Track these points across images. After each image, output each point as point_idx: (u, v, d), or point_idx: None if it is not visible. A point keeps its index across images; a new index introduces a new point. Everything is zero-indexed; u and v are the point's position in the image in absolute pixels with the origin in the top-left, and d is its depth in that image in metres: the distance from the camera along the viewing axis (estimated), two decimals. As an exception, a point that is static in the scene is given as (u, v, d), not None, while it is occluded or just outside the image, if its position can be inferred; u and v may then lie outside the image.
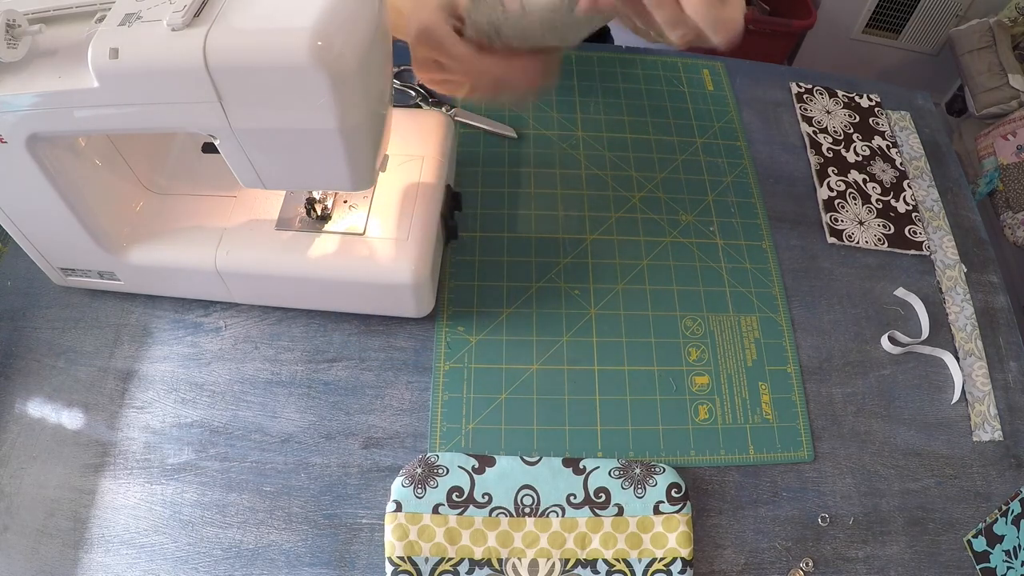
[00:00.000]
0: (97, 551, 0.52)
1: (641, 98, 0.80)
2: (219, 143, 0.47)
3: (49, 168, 0.49)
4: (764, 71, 0.86)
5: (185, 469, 0.55)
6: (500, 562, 0.52)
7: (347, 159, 0.48)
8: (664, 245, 0.69)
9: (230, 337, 0.61)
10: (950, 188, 0.79)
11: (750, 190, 0.74)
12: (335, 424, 0.58)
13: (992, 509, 0.58)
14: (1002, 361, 0.67)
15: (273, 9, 0.41)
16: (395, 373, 0.60)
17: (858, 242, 0.72)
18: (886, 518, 0.58)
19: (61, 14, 0.45)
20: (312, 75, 0.41)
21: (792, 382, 0.63)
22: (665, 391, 0.61)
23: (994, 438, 0.62)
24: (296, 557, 0.52)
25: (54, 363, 0.60)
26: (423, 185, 0.60)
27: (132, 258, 0.57)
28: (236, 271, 0.57)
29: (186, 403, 0.58)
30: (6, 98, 0.44)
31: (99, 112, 0.45)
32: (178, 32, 0.40)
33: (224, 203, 0.59)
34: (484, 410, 0.59)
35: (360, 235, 0.57)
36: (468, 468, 0.55)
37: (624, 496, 0.54)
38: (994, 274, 0.73)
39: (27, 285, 0.64)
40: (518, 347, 0.62)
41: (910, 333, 0.67)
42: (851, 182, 0.77)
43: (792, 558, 0.55)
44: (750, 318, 0.66)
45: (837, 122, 0.82)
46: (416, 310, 0.60)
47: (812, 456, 0.60)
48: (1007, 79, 1.57)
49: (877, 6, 1.83)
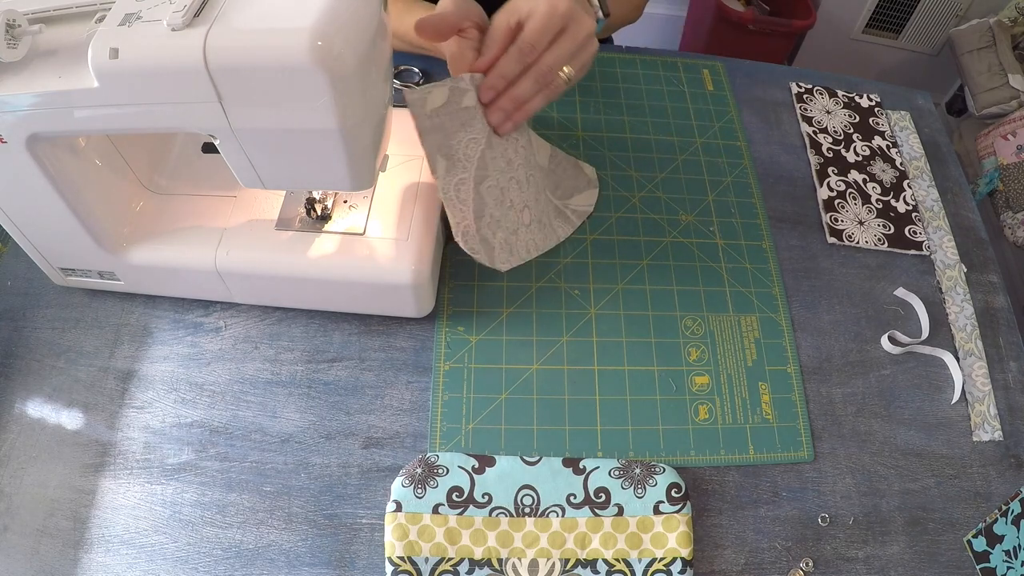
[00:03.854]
0: (97, 551, 0.52)
1: (641, 98, 0.80)
2: (219, 143, 0.47)
3: (49, 168, 0.49)
4: (764, 71, 0.86)
5: (185, 469, 0.55)
6: (500, 562, 0.52)
7: (347, 159, 0.48)
8: (664, 245, 0.69)
9: (230, 337, 0.61)
10: (950, 188, 0.79)
11: (750, 190, 0.74)
12: (335, 424, 0.58)
13: (992, 509, 0.58)
14: (1002, 361, 0.67)
15: (273, 9, 0.41)
16: (395, 373, 0.60)
17: (858, 242, 0.72)
18: (886, 518, 0.58)
19: (61, 14, 0.45)
20: (312, 75, 0.41)
21: (792, 382, 0.63)
22: (665, 391, 0.61)
23: (994, 438, 0.62)
24: (296, 557, 0.52)
25: (54, 363, 0.60)
26: (423, 185, 0.60)
27: (132, 258, 0.57)
28: (236, 271, 0.57)
29: (186, 403, 0.58)
30: (6, 98, 0.44)
31: (99, 112, 0.45)
32: (178, 32, 0.40)
33: (224, 203, 0.59)
34: (484, 410, 0.59)
35: (360, 235, 0.57)
36: (468, 468, 0.55)
37: (624, 496, 0.54)
38: (994, 274, 0.73)
39: (27, 285, 0.64)
40: (518, 347, 0.62)
41: (910, 333, 0.67)
42: (851, 182, 0.77)
43: (792, 558, 0.55)
44: (750, 318, 0.66)
45: (837, 122, 0.82)
46: (416, 310, 0.60)
47: (812, 456, 0.60)
48: (1007, 79, 1.57)
49: (877, 6, 1.83)
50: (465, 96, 0.54)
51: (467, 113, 0.54)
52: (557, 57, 0.53)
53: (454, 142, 0.54)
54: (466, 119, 0.54)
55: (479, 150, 0.55)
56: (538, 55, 0.53)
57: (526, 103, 0.55)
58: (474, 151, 0.55)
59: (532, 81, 0.54)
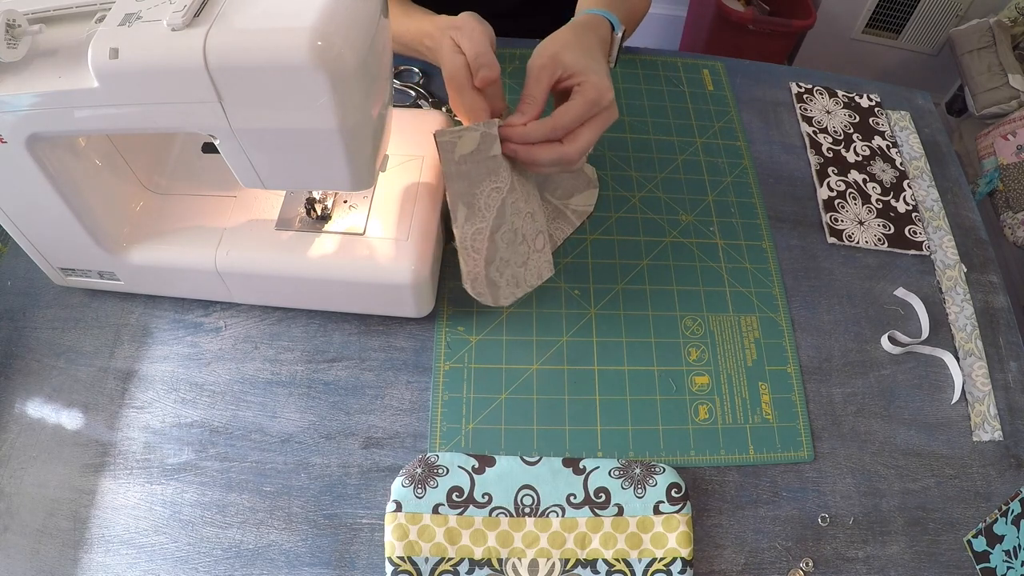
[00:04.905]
0: (97, 551, 0.52)
1: (641, 98, 0.80)
2: (219, 143, 0.47)
3: (49, 168, 0.49)
4: (764, 71, 0.86)
5: (185, 469, 0.55)
6: (500, 562, 0.52)
7: (347, 159, 0.48)
8: (664, 245, 0.69)
9: (230, 337, 0.61)
10: (950, 188, 0.79)
11: (750, 190, 0.74)
12: (335, 424, 0.58)
13: (992, 509, 0.58)
14: (1002, 361, 0.67)
15: (273, 9, 0.41)
16: (395, 373, 0.60)
17: (858, 242, 0.72)
18: (886, 518, 0.58)
19: (61, 14, 0.45)
20: (312, 75, 0.41)
21: (792, 382, 0.63)
22: (665, 391, 0.61)
23: (994, 438, 0.62)
24: (296, 557, 0.52)
25: (54, 363, 0.60)
26: (423, 185, 0.60)
27: (132, 258, 0.57)
28: (236, 271, 0.57)
29: (186, 403, 0.58)
30: (6, 98, 0.44)
31: (99, 112, 0.45)
32: (178, 32, 0.40)
33: (224, 203, 0.59)
34: (484, 410, 0.59)
35: (360, 235, 0.57)
36: (468, 468, 0.55)
37: (624, 496, 0.54)
38: (994, 274, 0.73)
39: (27, 285, 0.64)
40: (518, 347, 0.62)
41: (910, 333, 0.67)
42: (851, 182, 0.77)
43: (792, 558, 0.55)
44: (750, 318, 0.66)
45: (837, 122, 0.82)
46: (416, 310, 0.60)
47: (812, 456, 0.60)
48: (1007, 79, 1.57)
49: (877, 6, 1.83)
50: (494, 145, 0.54)
51: (494, 162, 0.54)
52: (588, 144, 0.54)
53: (477, 191, 0.55)
54: (493, 167, 0.55)
55: (500, 199, 0.56)
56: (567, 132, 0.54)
57: (539, 166, 0.56)
58: (495, 200, 0.56)
59: (554, 159, 0.54)
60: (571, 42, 0.56)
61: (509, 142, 0.54)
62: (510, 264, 0.58)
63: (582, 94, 0.53)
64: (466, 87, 0.54)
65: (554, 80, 0.54)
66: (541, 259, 0.60)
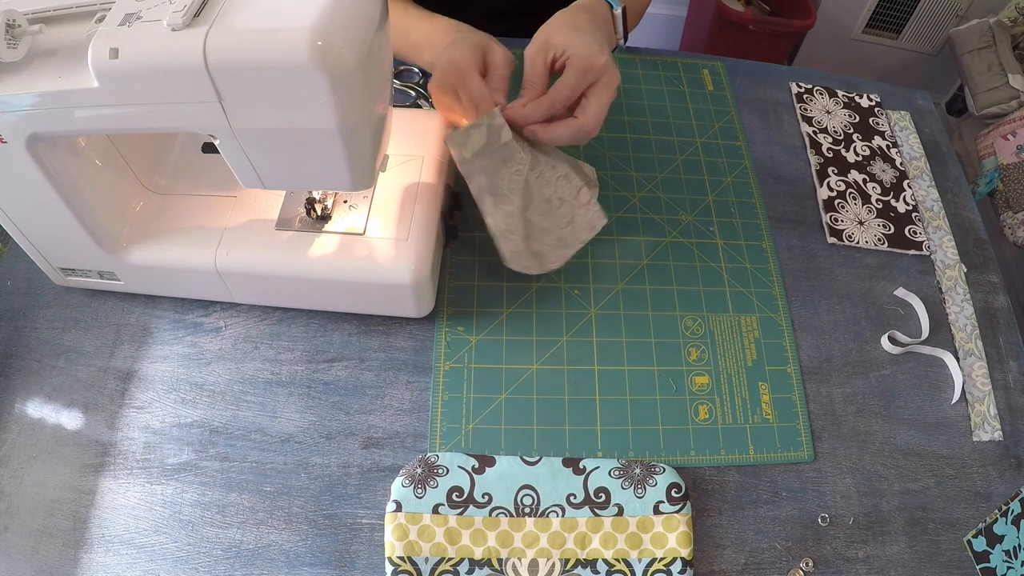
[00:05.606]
0: (97, 551, 0.52)
1: (641, 98, 0.80)
2: (219, 143, 0.47)
3: (49, 168, 0.49)
4: (764, 71, 0.86)
5: (185, 469, 0.55)
6: (500, 562, 0.52)
7: (347, 159, 0.48)
8: (664, 245, 0.69)
9: (230, 337, 0.61)
10: (950, 188, 0.79)
11: (750, 190, 0.74)
12: (335, 424, 0.58)
13: (992, 509, 0.58)
14: (1002, 361, 0.67)
15: (273, 9, 0.41)
16: (395, 373, 0.60)
17: (858, 242, 0.72)
18: (886, 518, 0.58)
19: (61, 14, 0.45)
20: (312, 75, 0.41)
21: (792, 382, 0.63)
22: (665, 391, 0.61)
23: (994, 438, 0.62)
24: (296, 557, 0.52)
25: (54, 363, 0.60)
26: (423, 185, 0.60)
27: (132, 258, 0.57)
28: (236, 271, 0.57)
29: (186, 403, 0.58)
30: (6, 98, 0.44)
31: (99, 112, 0.45)
32: (178, 32, 0.40)
33: (224, 203, 0.59)
34: (484, 410, 0.59)
35: (360, 235, 0.57)
36: (468, 468, 0.55)
37: (624, 496, 0.54)
38: (994, 274, 0.73)
39: (27, 285, 0.64)
40: (518, 347, 0.62)
41: (910, 333, 0.67)
42: (851, 182, 0.77)
43: (792, 558, 0.55)
44: (750, 318, 0.66)
45: (837, 122, 0.82)
46: (416, 310, 0.60)
47: (812, 456, 0.60)
48: (1007, 79, 1.57)
49: (877, 6, 1.83)
50: (502, 132, 0.55)
51: (507, 148, 0.56)
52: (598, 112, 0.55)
53: (498, 179, 0.56)
54: (507, 154, 0.56)
55: (522, 180, 0.57)
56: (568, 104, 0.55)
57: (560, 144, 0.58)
58: (518, 182, 0.57)
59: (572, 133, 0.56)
60: (560, 23, 0.57)
61: (524, 126, 0.55)
62: (551, 231, 0.59)
63: (572, 65, 0.55)
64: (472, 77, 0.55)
65: (549, 63, 0.56)
66: (590, 212, 0.61)
